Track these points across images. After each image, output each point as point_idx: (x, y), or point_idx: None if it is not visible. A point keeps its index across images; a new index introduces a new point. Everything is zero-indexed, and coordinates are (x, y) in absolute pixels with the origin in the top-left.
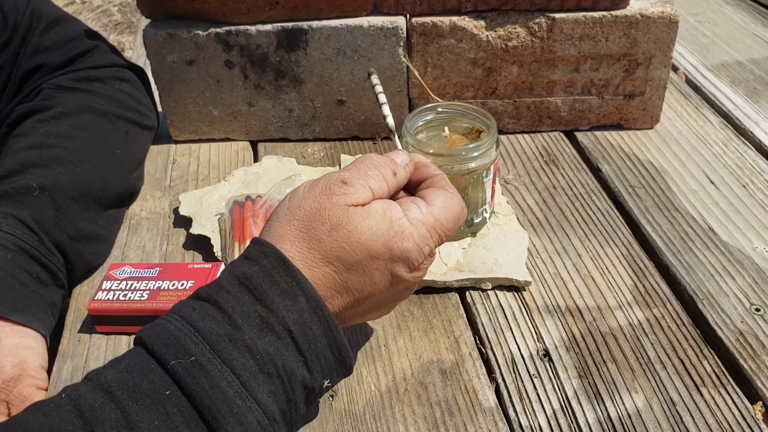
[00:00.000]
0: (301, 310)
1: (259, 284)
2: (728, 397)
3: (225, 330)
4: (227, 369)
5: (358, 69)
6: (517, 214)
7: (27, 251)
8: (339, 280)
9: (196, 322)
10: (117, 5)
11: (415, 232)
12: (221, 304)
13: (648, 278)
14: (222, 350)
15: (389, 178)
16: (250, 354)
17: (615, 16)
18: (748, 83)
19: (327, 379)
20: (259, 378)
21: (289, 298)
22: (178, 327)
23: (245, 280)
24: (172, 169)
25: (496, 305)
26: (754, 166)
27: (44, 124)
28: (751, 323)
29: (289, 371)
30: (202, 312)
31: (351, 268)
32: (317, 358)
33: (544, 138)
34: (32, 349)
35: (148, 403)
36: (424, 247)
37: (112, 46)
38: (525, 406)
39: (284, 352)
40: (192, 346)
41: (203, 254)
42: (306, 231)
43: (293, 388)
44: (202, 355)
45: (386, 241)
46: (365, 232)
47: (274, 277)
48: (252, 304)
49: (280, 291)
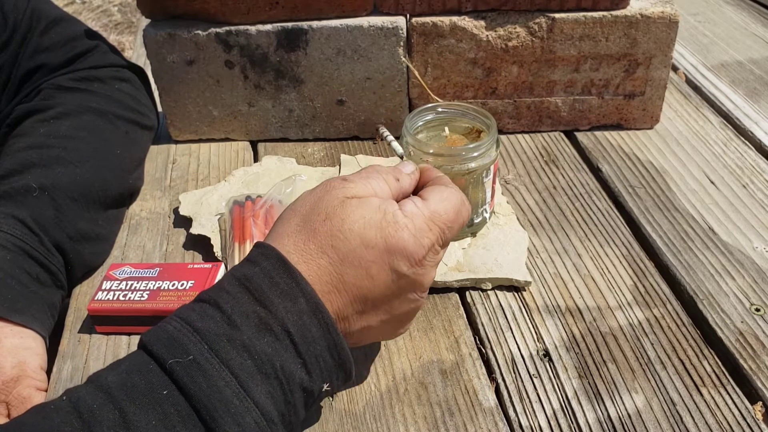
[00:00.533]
0: (301, 311)
1: (258, 285)
2: (728, 397)
3: (223, 330)
4: (225, 368)
5: (358, 69)
6: (517, 214)
7: (27, 251)
8: (335, 273)
9: (194, 322)
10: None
11: (410, 223)
12: (221, 305)
13: (648, 278)
14: (220, 350)
15: (392, 182)
16: (248, 354)
17: (615, 16)
18: (748, 83)
19: (326, 383)
20: (257, 378)
21: (288, 300)
22: (177, 327)
23: (245, 281)
24: (172, 169)
25: (496, 305)
26: (754, 166)
27: (44, 124)
28: (751, 323)
29: (288, 373)
30: (201, 312)
31: (346, 259)
32: (316, 360)
33: (544, 138)
34: (32, 350)
35: (145, 403)
36: (422, 239)
37: (112, 46)
38: (525, 406)
39: (283, 353)
40: (190, 345)
41: (203, 254)
42: (303, 224)
43: (292, 391)
44: (200, 354)
45: (380, 230)
46: (358, 220)
47: (274, 278)
48: (251, 305)
49: (279, 292)
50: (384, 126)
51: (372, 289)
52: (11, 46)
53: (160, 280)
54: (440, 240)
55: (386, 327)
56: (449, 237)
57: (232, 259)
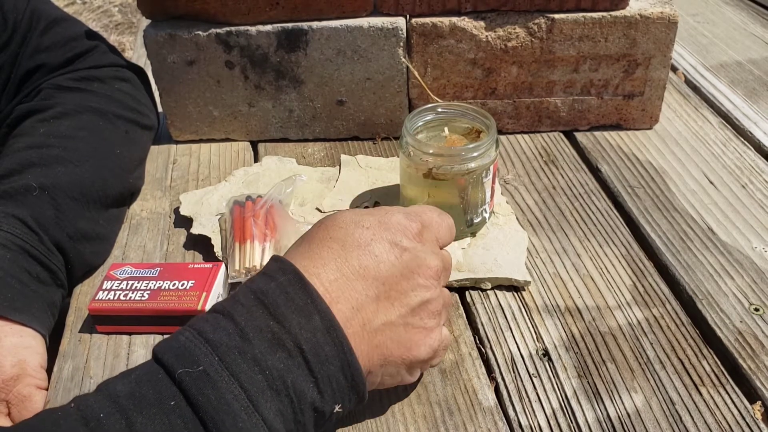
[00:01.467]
0: (315, 329)
1: (274, 300)
2: (727, 396)
3: (235, 342)
4: (234, 382)
5: (358, 69)
6: (517, 214)
7: (27, 250)
8: (339, 260)
9: (207, 333)
10: (117, 5)
11: (399, 209)
12: (235, 317)
13: (647, 278)
14: (231, 362)
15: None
16: (259, 368)
17: (614, 16)
18: (747, 83)
19: (338, 404)
20: (267, 394)
21: (303, 316)
22: (188, 338)
23: (261, 295)
24: (173, 169)
25: (495, 305)
26: (753, 166)
27: (44, 123)
28: (750, 323)
29: (299, 391)
30: (214, 324)
31: (346, 243)
32: (329, 380)
33: (543, 138)
34: (32, 349)
35: (153, 413)
36: (413, 216)
37: (112, 46)
38: (524, 406)
39: (294, 370)
40: (201, 356)
41: (204, 254)
42: (303, 239)
43: (302, 410)
44: (210, 365)
45: (371, 214)
46: (349, 214)
47: (290, 294)
48: (265, 319)
49: (294, 308)
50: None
51: (378, 268)
52: (11, 47)
53: (160, 279)
54: (431, 228)
55: (410, 330)
56: (441, 233)
57: (233, 259)
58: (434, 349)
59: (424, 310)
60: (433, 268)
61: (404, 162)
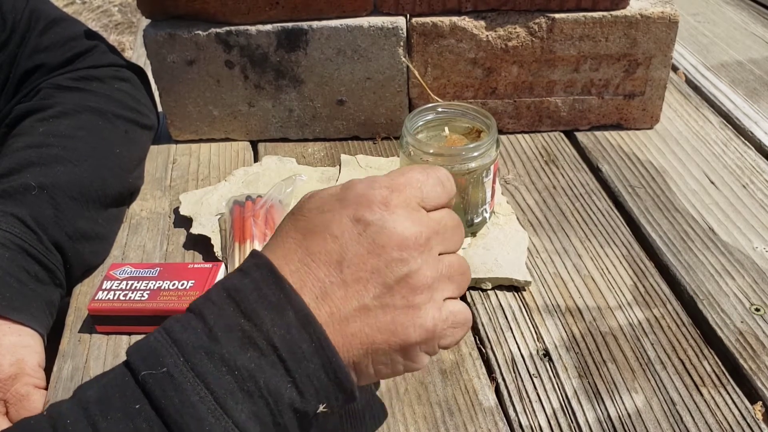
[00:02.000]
0: (289, 325)
1: (246, 297)
2: (728, 397)
3: (202, 342)
4: (200, 383)
5: (358, 69)
6: (517, 214)
7: (25, 250)
8: (299, 250)
9: (175, 333)
10: (117, 5)
11: (367, 179)
12: (205, 316)
13: (648, 278)
14: (197, 363)
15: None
16: (227, 369)
17: (615, 16)
18: (747, 83)
19: (322, 404)
20: (238, 396)
21: (276, 312)
22: (156, 338)
23: (234, 292)
24: (173, 169)
25: (496, 305)
26: (754, 166)
27: (43, 123)
28: (751, 323)
29: (274, 392)
30: (185, 323)
31: (308, 232)
32: (309, 379)
33: (544, 138)
34: (30, 348)
35: (118, 417)
36: (374, 183)
37: (112, 46)
38: (525, 406)
39: (268, 369)
40: (166, 357)
41: (203, 254)
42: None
43: (281, 411)
44: (174, 366)
45: (333, 194)
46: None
47: (263, 290)
48: (236, 317)
49: (267, 305)
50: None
51: (341, 251)
52: (10, 46)
53: (160, 279)
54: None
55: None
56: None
57: (233, 259)
58: (429, 328)
59: (405, 286)
60: (408, 236)
61: (404, 162)
